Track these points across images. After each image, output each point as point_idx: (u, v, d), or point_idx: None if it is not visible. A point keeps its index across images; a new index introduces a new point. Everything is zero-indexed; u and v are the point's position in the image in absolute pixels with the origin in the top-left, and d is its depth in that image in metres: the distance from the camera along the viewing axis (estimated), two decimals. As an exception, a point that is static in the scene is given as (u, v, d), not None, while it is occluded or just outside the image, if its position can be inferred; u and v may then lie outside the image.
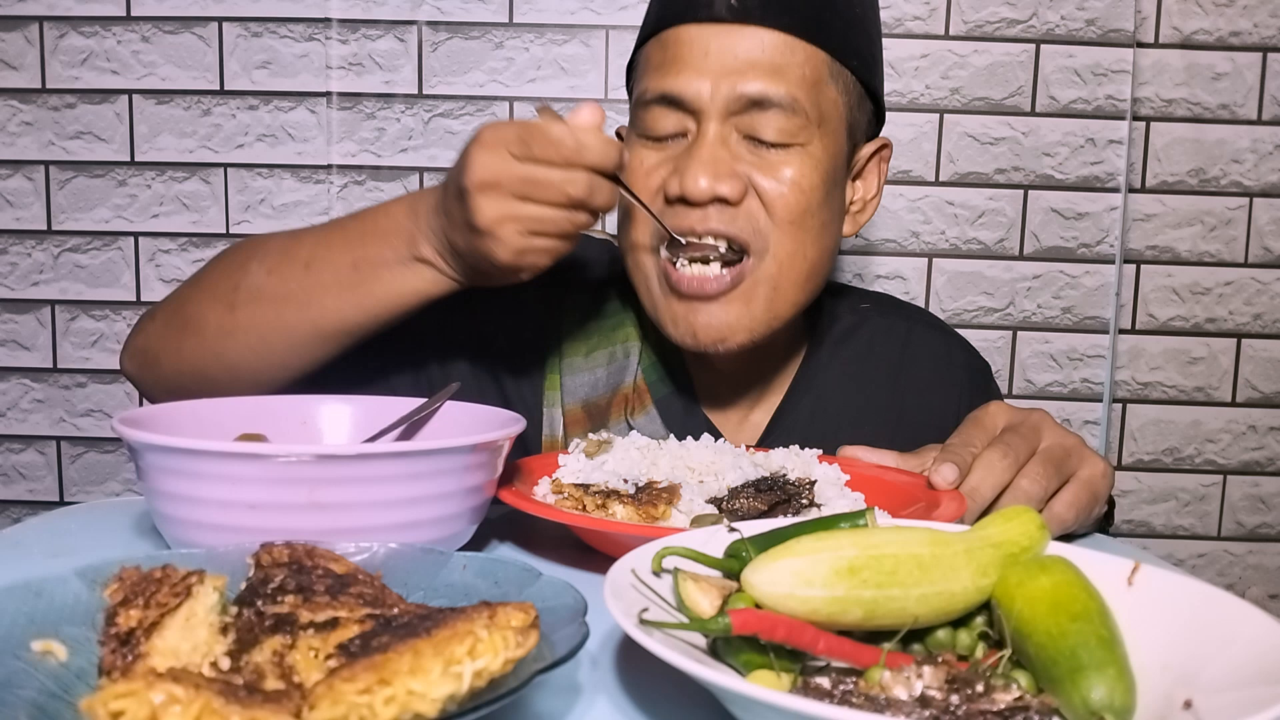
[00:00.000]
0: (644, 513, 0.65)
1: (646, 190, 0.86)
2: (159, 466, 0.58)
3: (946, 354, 1.04)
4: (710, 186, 0.82)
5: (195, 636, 0.40)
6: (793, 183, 0.84)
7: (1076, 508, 0.75)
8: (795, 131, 0.84)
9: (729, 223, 0.84)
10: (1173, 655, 0.42)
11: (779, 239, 0.85)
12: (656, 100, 0.85)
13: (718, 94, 0.83)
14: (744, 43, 0.83)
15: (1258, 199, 1.51)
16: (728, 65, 0.83)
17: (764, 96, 0.83)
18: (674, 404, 0.94)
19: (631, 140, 0.89)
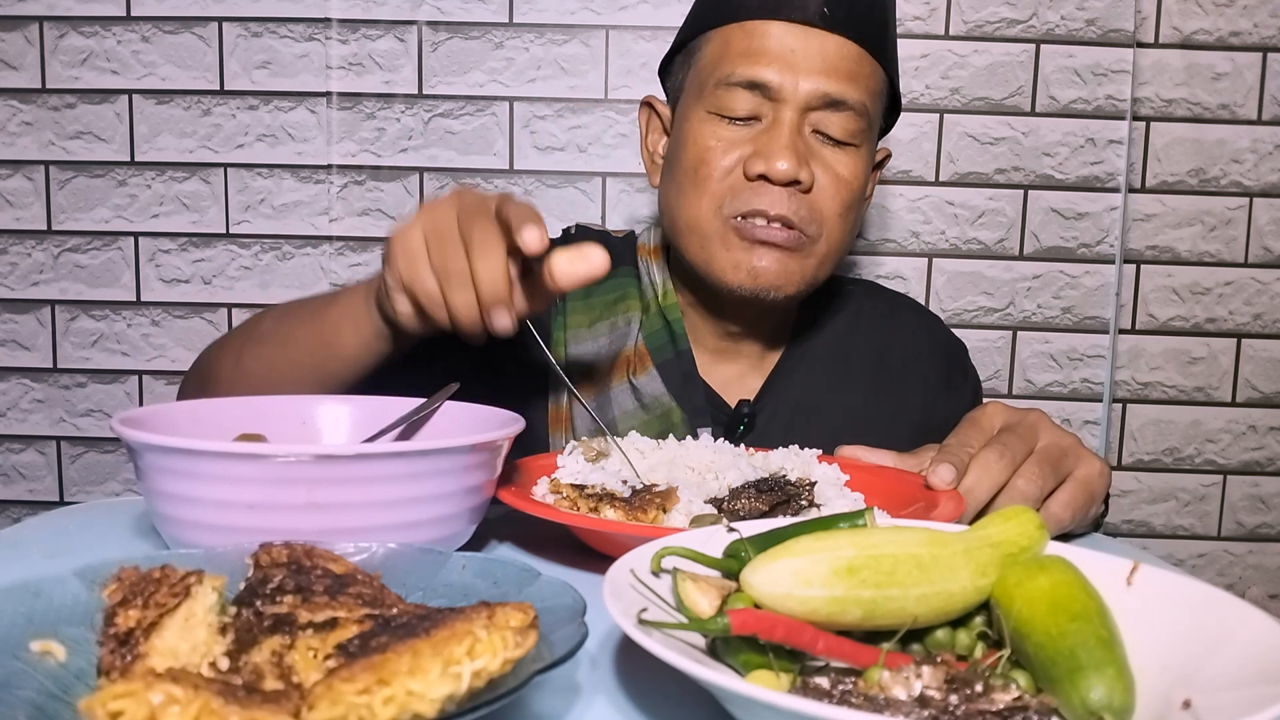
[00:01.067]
0: (634, 517, 0.65)
1: (723, 165, 0.93)
2: (158, 466, 0.58)
3: (925, 332, 1.13)
4: (792, 170, 0.90)
5: (194, 637, 0.40)
6: (849, 180, 0.94)
7: (1073, 508, 0.75)
8: (856, 133, 0.93)
9: (796, 210, 0.92)
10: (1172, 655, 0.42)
11: (831, 226, 0.95)
12: (743, 84, 0.92)
13: (801, 87, 0.91)
14: (829, 47, 0.91)
15: (1258, 199, 1.51)
16: (814, 64, 0.90)
17: (842, 97, 0.91)
18: (674, 367, 1.00)
19: (699, 117, 0.95)
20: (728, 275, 0.94)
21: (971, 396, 1.12)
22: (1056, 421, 0.79)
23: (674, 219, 0.98)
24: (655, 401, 0.98)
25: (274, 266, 1.52)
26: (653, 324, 1.03)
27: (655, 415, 0.98)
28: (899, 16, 1.48)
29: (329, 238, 1.51)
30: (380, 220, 1.51)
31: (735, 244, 0.93)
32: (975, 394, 1.13)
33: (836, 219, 0.94)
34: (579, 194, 1.50)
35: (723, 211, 0.93)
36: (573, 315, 1.02)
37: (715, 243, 0.94)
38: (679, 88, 1.01)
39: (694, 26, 0.99)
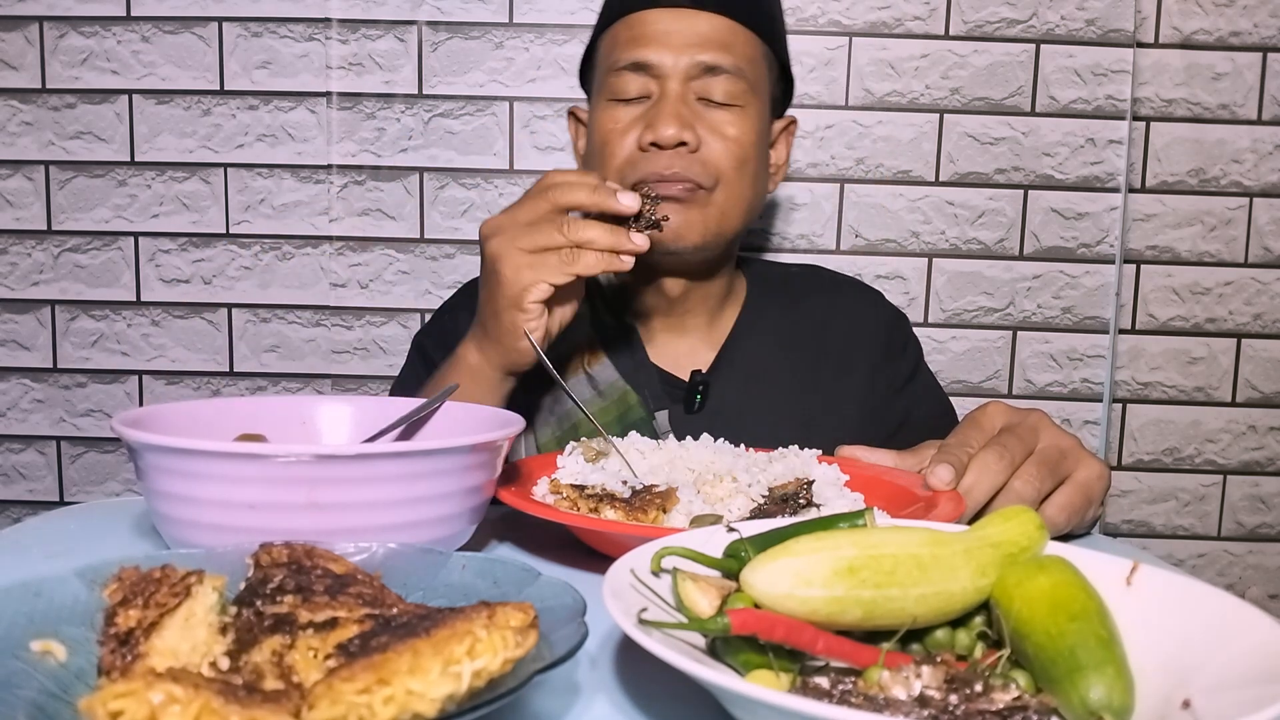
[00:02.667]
0: (634, 518, 0.65)
1: (623, 142, 1.02)
2: (158, 466, 0.58)
3: (868, 306, 1.20)
4: (677, 133, 0.98)
5: (194, 636, 0.40)
6: (735, 138, 1.02)
7: (1069, 510, 0.75)
8: (738, 94, 1.02)
9: (688, 166, 0.99)
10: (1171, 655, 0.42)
11: (726, 179, 1.02)
12: (628, 67, 1.01)
13: (679, 61, 1.00)
14: (699, 23, 1.01)
15: (1258, 199, 1.51)
16: (688, 40, 1.00)
17: (716, 64, 1.01)
18: (625, 354, 1.07)
19: (600, 105, 1.05)
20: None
21: (915, 360, 1.19)
22: (1057, 422, 0.79)
23: None
24: (611, 388, 1.03)
25: (274, 266, 1.52)
26: (602, 317, 1.10)
27: (612, 400, 1.03)
28: (900, 16, 1.48)
29: (329, 238, 1.51)
30: (380, 220, 1.51)
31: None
32: (917, 358, 1.20)
33: (732, 172, 1.02)
34: (579, 194, 1.50)
35: (624, 181, 1.00)
36: None
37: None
38: (590, 90, 1.11)
39: (595, 33, 1.10)
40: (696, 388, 1.07)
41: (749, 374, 1.10)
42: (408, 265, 1.52)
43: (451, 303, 1.19)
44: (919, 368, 1.19)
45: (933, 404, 1.17)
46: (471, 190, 1.51)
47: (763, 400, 1.08)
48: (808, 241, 1.52)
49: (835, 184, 1.51)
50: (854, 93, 1.50)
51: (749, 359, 1.11)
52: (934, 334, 1.53)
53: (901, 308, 1.51)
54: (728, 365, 1.10)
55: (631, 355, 1.07)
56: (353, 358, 1.53)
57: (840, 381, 1.11)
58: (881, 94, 1.50)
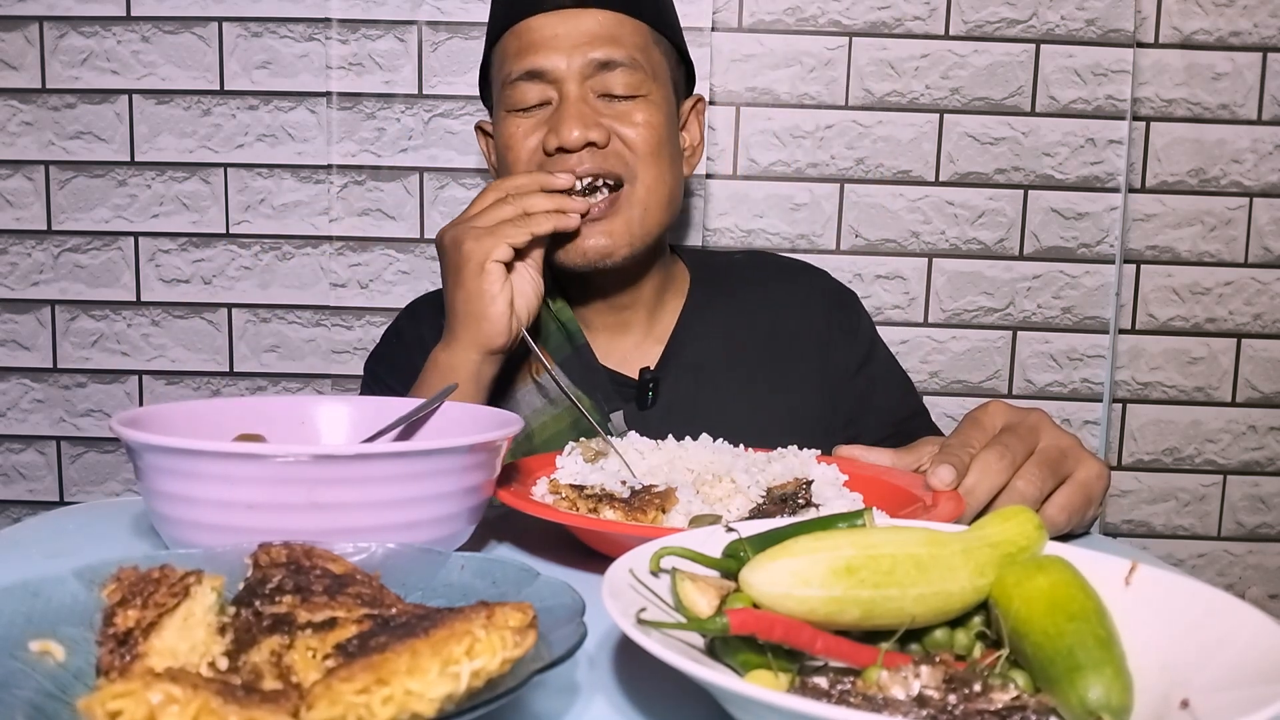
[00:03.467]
0: (633, 518, 0.65)
1: (526, 151, 1.02)
2: (157, 467, 0.58)
3: (809, 284, 1.19)
4: (582, 135, 0.98)
5: (193, 637, 0.40)
6: (644, 124, 1.01)
7: (1069, 510, 0.75)
8: (638, 84, 1.02)
9: (600, 162, 0.99)
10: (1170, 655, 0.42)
11: (643, 169, 1.02)
12: (522, 77, 1.01)
13: (572, 62, 1.00)
14: (585, 22, 1.01)
15: (1258, 199, 1.51)
16: (576, 40, 1.00)
17: (609, 58, 1.00)
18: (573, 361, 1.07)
19: (501, 118, 1.05)
20: (563, 258, 1.02)
21: (869, 338, 1.17)
22: (1057, 422, 0.79)
23: None
24: (560, 396, 1.03)
25: (274, 266, 1.52)
26: (545, 328, 1.09)
27: (565, 407, 1.03)
28: (900, 16, 1.48)
29: (329, 238, 1.51)
30: (380, 220, 1.51)
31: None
32: (871, 335, 1.18)
33: (648, 158, 1.01)
34: (579, 194, 1.50)
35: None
36: None
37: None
38: (491, 104, 1.11)
39: (486, 49, 1.09)
40: (647, 385, 1.07)
41: (697, 366, 1.10)
42: (408, 265, 1.52)
43: (396, 326, 1.19)
44: (874, 348, 1.17)
45: (892, 386, 1.16)
46: (471, 190, 1.50)
47: (714, 391, 1.08)
48: (808, 241, 1.52)
49: (835, 184, 1.51)
50: (854, 93, 1.50)
51: (696, 351, 1.11)
52: (934, 334, 1.53)
53: (901, 307, 1.52)
54: (676, 359, 1.10)
55: (579, 359, 1.07)
56: (353, 358, 1.53)
57: (793, 368, 1.11)
58: (881, 94, 1.50)
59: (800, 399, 1.10)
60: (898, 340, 1.52)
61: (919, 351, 1.54)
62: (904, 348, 1.53)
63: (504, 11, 1.04)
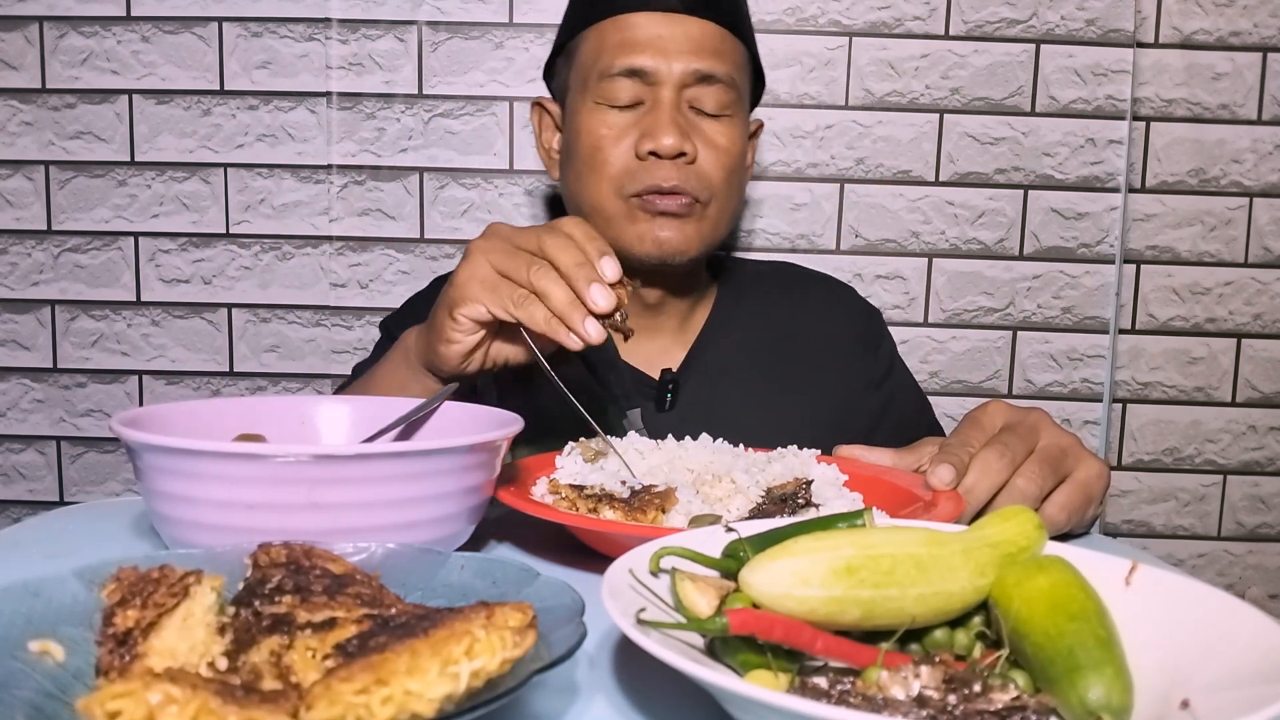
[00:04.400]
0: (632, 518, 0.65)
1: (617, 150, 1.01)
2: (157, 467, 0.58)
3: (835, 298, 1.20)
4: (677, 143, 0.98)
5: (193, 637, 0.40)
6: (727, 148, 1.02)
7: (1069, 509, 0.75)
8: (728, 104, 1.02)
9: (685, 179, 1.00)
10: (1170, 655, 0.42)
11: (719, 191, 1.03)
12: (623, 72, 1.00)
13: (675, 68, 0.99)
14: (693, 30, 1.00)
15: (1258, 199, 1.51)
16: (681, 46, 0.99)
17: (711, 72, 1.00)
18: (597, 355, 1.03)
19: (589, 109, 1.03)
20: (635, 247, 1.02)
21: (890, 356, 1.19)
22: (1057, 421, 0.79)
23: (578, 205, 1.06)
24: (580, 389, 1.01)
25: (274, 266, 1.52)
26: None
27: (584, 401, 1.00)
28: (900, 16, 1.48)
29: (329, 238, 1.51)
30: (380, 220, 1.51)
31: (639, 218, 1.01)
32: (892, 353, 1.20)
33: (723, 184, 1.03)
34: (579, 194, 1.50)
35: (623, 191, 1.01)
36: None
37: (620, 220, 1.02)
38: (564, 86, 1.09)
39: (570, 28, 1.07)
40: (667, 386, 1.07)
41: (719, 372, 1.10)
42: (408, 265, 1.52)
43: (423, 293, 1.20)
44: (894, 364, 1.19)
45: (909, 401, 1.17)
46: (471, 190, 1.50)
47: (734, 397, 1.08)
48: (808, 241, 1.52)
49: (835, 184, 1.51)
50: (854, 93, 1.50)
51: (720, 357, 1.11)
52: (934, 334, 1.53)
53: (901, 307, 1.52)
54: (699, 363, 1.10)
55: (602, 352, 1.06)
56: (353, 358, 1.53)
57: (812, 378, 1.11)
58: (881, 94, 1.50)
59: (817, 411, 1.10)
60: (898, 340, 1.52)
61: (919, 351, 1.54)
62: (904, 348, 1.53)
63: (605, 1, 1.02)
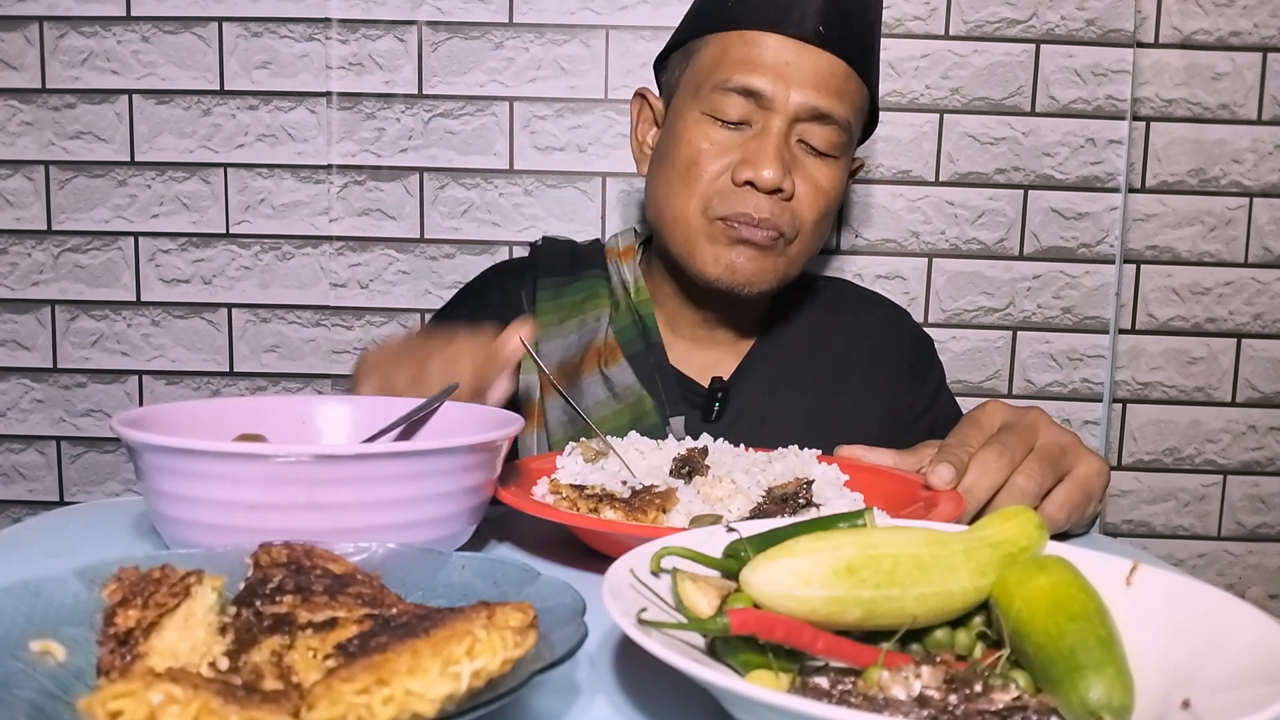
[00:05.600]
0: (633, 518, 0.65)
1: (714, 168, 0.98)
2: (158, 466, 0.58)
3: (892, 325, 1.18)
4: (777, 179, 0.94)
5: (194, 637, 0.40)
6: (827, 189, 0.99)
7: (1069, 507, 0.75)
8: (838, 145, 0.99)
9: (778, 215, 0.97)
10: (1171, 655, 0.42)
11: (807, 231, 1.00)
12: (739, 89, 0.96)
13: (792, 99, 0.95)
14: (821, 63, 0.96)
15: (1258, 199, 1.51)
16: (806, 78, 0.95)
17: (829, 111, 0.96)
18: (644, 358, 1.05)
19: (693, 117, 0.99)
20: (708, 268, 1.00)
21: (937, 383, 1.18)
22: (1057, 421, 0.79)
23: (660, 210, 1.03)
24: (626, 390, 1.02)
25: (274, 266, 1.52)
26: (622, 319, 1.08)
27: (626, 404, 1.02)
28: (900, 16, 1.48)
29: (329, 238, 1.51)
30: (380, 220, 1.51)
31: (719, 239, 0.99)
32: (940, 381, 1.19)
33: (812, 225, 1.00)
34: (579, 194, 1.50)
35: (710, 212, 0.98)
36: (543, 315, 1.08)
37: (700, 237, 1.00)
38: (674, 84, 1.05)
39: (694, 27, 1.02)
40: (716, 395, 1.05)
41: (770, 385, 1.08)
42: (408, 265, 1.52)
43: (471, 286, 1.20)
44: (939, 393, 1.17)
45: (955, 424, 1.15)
46: (471, 190, 1.51)
47: (782, 412, 1.07)
48: (808, 241, 1.52)
49: (835, 184, 1.51)
50: (854, 93, 1.50)
51: (771, 370, 1.09)
52: (934, 334, 1.53)
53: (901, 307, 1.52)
54: (750, 375, 1.08)
55: (652, 361, 1.05)
56: (353, 358, 1.53)
57: (861, 398, 1.10)
58: (881, 94, 1.50)
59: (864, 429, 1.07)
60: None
61: (919, 351, 1.54)
62: (904, 348, 1.53)
63: (740, 8, 0.98)
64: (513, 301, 1.10)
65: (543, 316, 1.08)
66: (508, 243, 1.51)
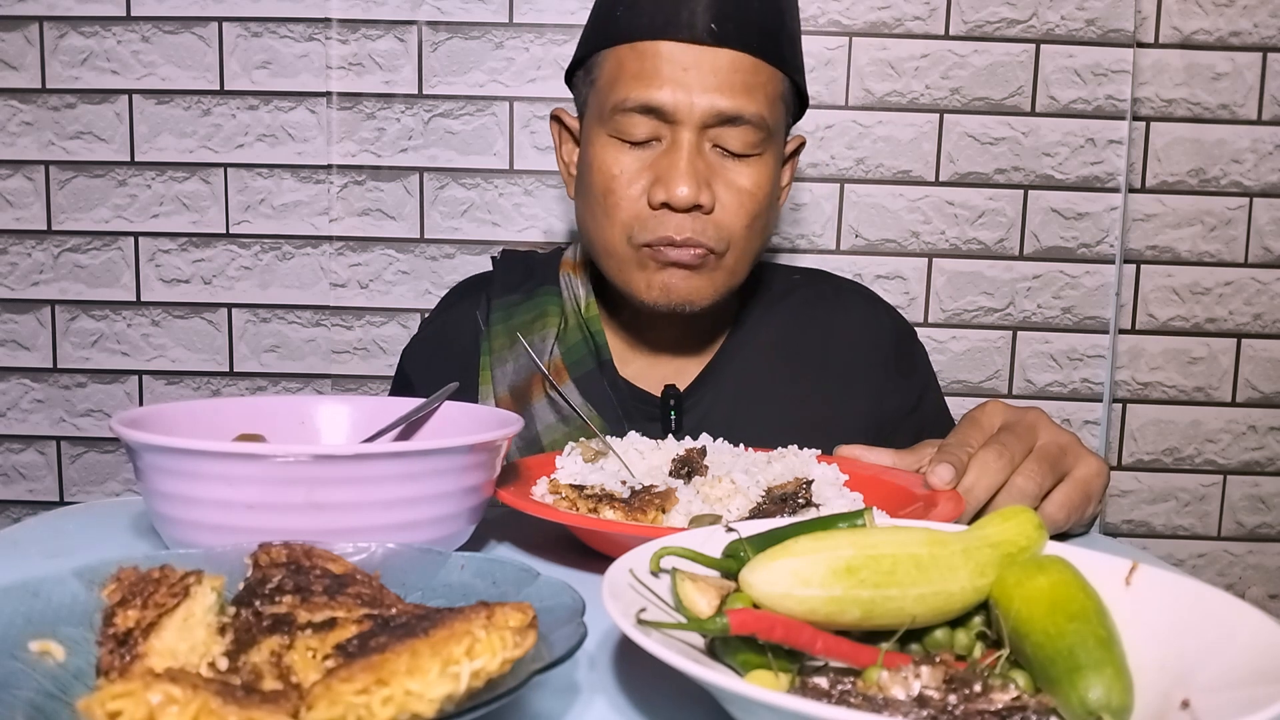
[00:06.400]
0: (633, 518, 0.65)
1: (629, 194, 0.94)
2: (157, 467, 0.58)
3: (872, 319, 1.12)
4: (692, 195, 0.90)
5: (193, 637, 0.40)
6: (752, 191, 0.94)
7: (1068, 508, 0.75)
8: (757, 144, 0.93)
9: (701, 230, 0.92)
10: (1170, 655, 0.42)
11: (738, 239, 0.95)
12: (638, 109, 0.92)
13: (696, 108, 0.90)
14: (720, 62, 0.90)
15: (1258, 199, 1.51)
16: (706, 82, 0.90)
17: (738, 113, 0.91)
18: (594, 378, 1.02)
19: (602, 141, 0.95)
20: (643, 294, 0.97)
21: (925, 379, 1.13)
22: (1056, 421, 0.79)
23: (590, 240, 1.00)
24: (574, 414, 0.98)
25: (274, 266, 1.52)
26: (571, 337, 1.04)
27: (575, 427, 0.98)
28: (900, 16, 1.48)
29: (329, 238, 1.51)
30: (380, 220, 1.51)
31: (649, 265, 0.95)
32: (928, 375, 1.14)
33: (743, 230, 0.95)
34: (579, 194, 1.50)
35: (634, 240, 0.95)
36: (495, 339, 1.05)
37: (630, 266, 0.96)
38: (583, 103, 1.01)
39: (589, 42, 0.99)
40: (670, 405, 1.00)
41: (739, 389, 1.03)
42: (408, 265, 1.52)
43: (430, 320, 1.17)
44: (926, 390, 1.12)
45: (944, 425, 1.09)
46: (471, 190, 1.51)
47: (756, 416, 1.02)
48: (808, 241, 1.52)
49: (835, 184, 1.51)
50: (854, 93, 1.50)
51: (741, 372, 1.04)
52: (934, 334, 1.53)
53: (901, 308, 1.52)
54: (711, 383, 1.04)
55: (601, 376, 1.01)
56: (353, 358, 1.53)
57: (842, 395, 1.05)
58: (881, 94, 1.50)
59: (848, 428, 1.02)
60: (898, 340, 1.52)
61: (919, 351, 1.54)
62: (904, 348, 1.53)
63: (629, 20, 0.93)
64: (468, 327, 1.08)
65: (495, 341, 1.05)
66: (508, 243, 1.51)
